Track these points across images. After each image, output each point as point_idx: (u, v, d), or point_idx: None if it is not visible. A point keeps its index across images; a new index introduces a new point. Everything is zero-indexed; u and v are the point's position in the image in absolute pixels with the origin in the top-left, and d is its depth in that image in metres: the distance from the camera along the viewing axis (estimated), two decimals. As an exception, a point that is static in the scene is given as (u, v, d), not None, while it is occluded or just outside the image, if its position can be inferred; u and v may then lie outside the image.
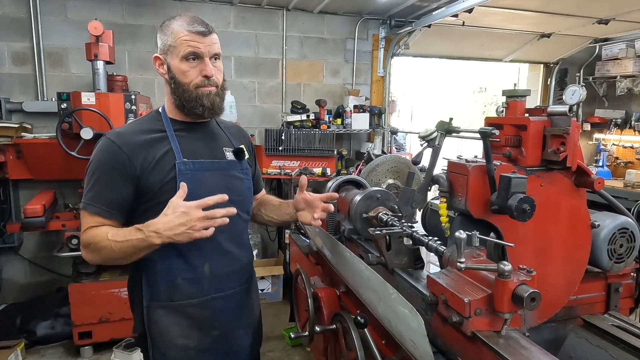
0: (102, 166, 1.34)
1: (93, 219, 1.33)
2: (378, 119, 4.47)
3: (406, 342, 1.19)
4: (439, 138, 1.51)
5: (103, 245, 1.28)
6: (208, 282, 1.43)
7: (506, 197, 1.27)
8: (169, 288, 1.39)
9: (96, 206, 1.32)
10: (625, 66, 4.86)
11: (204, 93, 1.37)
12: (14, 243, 3.78)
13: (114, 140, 1.35)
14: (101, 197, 1.33)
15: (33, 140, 3.27)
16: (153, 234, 1.23)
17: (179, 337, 1.41)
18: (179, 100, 1.39)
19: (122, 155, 1.32)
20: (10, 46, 3.76)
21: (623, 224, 1.60)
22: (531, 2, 3.44)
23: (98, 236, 1.30)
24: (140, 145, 1.35)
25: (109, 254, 1.29)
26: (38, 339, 3.32)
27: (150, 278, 1.40)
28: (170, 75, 1.38)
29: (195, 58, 1.35)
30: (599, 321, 1.53)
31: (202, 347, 1.44)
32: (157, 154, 1.36)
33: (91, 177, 1.35)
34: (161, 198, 1.33)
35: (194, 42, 1.33)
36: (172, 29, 1.35)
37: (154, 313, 1.40)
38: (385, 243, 1.55)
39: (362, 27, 4.71)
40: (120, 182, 1.33)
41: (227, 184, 1.45)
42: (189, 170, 1.36)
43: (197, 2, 4.18)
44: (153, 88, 4.18)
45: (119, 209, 1.35)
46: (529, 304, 1.04)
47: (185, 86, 1.36)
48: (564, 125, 1.35)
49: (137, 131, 1.39)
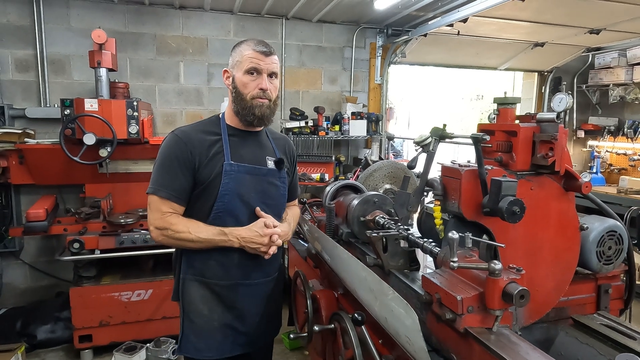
0: (170, 157, 1.57)
1: (164, 203, 1.55)
2: (375, 125, 4.54)
3: (401, 338, 1.24)
4: (433, 143, 1.57)
5: (184, 236, 1.54)
6: (235, 270, 1.64)
7: (497, 200, 1.33)
8: (202, 266, 1.63)
9: (166, 191, 1.55)
10: (618, 75, 4.96)
11: (258, 104, 1.60)
12: (15, 247, 3.81)
13: (179, 135, 1.59)
14: (170, 184, 1.55)
15: (36, 145, 3.31)
16: (235, 240, 1.56)
17: (206, 308, 1.63)
18: (236, 107, 1.62)
19: (186, 148, 1.56)
20: (14, 53, 3.82)
21: (611, 227, 1.66)
22: (524, 13, 3.53)
23: (179, 226, 1.54)
24: (199, 142, 1.59)
25: (186, 244, 1.56)
26: (38, 343, 3.35)
27: (189, 255, 1.63)
28: (233, 86, 1.62)
29: (255, 73, 1.58)
30: (588, 320, 1.58)
31: (223, 321, 1.65)
32: (211, 152, 1.59)
33: (160, 166, 1.58)
34: (208, 190, 1.58)
35: (256, 59, 1.57)
36: (242, 48, 1.61)
37: (188, 284, 1.64)
38: (382, 245, 1.60)
39: (359, 35, 4.80)
40: (185, 170, 1.56)
41: (264, 188, 1.68)
42: (233, 171, 1.58)
43: (198, 10, 4.25)
44: (154, 95, 4.24)
45: (184, 195, 1.58)
46: (519, 301, 1.10)
47: (243, 96, 1.59)
48: (552, 131, 1.41)
49: (198, 130, 1.63)
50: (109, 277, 3.34)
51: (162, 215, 1.55)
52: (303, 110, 4.40)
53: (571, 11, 3.50)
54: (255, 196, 1.64)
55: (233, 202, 1.59)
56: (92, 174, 3.44)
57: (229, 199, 1.58)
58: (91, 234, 3.19)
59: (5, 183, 3.51)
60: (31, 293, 4.01)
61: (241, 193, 1.60)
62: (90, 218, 3.34)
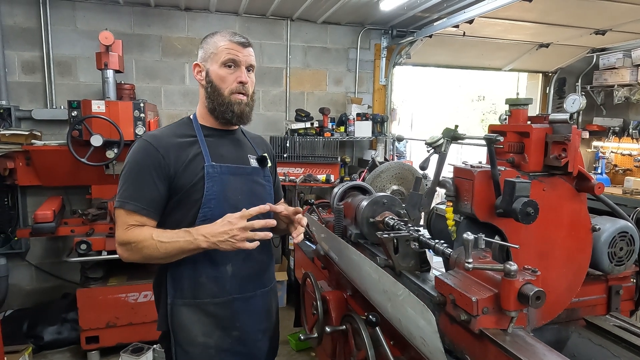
0: (139, 165, 1.40)
1: (131, 217, 1.37)
2: (380, 126, 4.54)
3: (416, 340, 1.24)
4: (445, 145, 1.57)
5: (147, 244, 1.33)
6: (230, 283, 1.48)
7: (511, 201, 1.33)
8: (192, 286, 1.45)
9: (133, 204, 1.37)
10: (623, 75, 4.95)
11: (236, 101, 1.47)
12: (21, 249, 3.81)
13: (150, 141, 1.42)
14: (138, 195, 1.38)
15: (43, 147, 3.32)
16: (201, 237, 1.31)
17: (200, 335, 1.45)
18: (212, 103, 1.48)
19: (157, 154, 1.39)
20: (21, 55, 3.83)
21: (623, 228, 1.65)
22: (530, 14, 3.52)
23: (141, 235, 1.34)
24: (173, 147, 1.43)
25: (152, 253, 1.34)
26: (45, 344, 3.36)
27: (176, 276, 1.45)
28: (207, 80, 1.47)
29: (233, 65, 1.45)
30: (601, 322, 1.57)
31: (222, 346, 1.48)
32: (188, 156, 1.43)
33: (128, 177, 1.40)
34: (190, 198, 1.41)
35: (234, 50, 1.44)
36: (215, 40, 1.47)
37: (177, 310, 1.45)
38: (392, 246, 1.60)
39: (364, 37, 4.80)
40: (156, 180, 1.39)
41: (251, 188, 1.53)
42: (216, 173, 1.44)
43: (203, 12, 4.26)
44: (160, 96, 4.25)
45: (155, 207, 1.40)
46: (535, 302, 1.09)
47: (220, 91, 1.46)
48: (565, 132, 1.41)
49: (170, 134, 1.47)
50: (115, 279, 3.35)
51: (125, 229, 1.36)
52: (308, 112, 4.41)
53: (577, 12, 3.49)
54: (243, 198, 1.47)
55: (220, 206, 1.41)
56: (98, 175, 3.45)
57: (216, 203, 1.41)
58: (98, 236, 3.19)
59: (12, 184, 3.52)
60: (37, 294, 4.02)
61: (228, 196, 1.43)
62: (97, 219, 3.35)
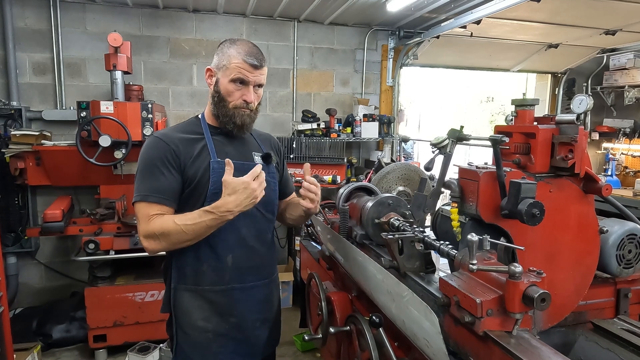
0: (152, 159, 1.47)
1: (153, 208, 1.44)
2: (387, 127, 4.53)
3: (420, 341, 1.23)
4: (450, 145, 1.56)
5: (173, 230, 1.40)
6: (230, 273, 1.56)
7: (516, 202, 1.32)
8: (195, 273, 1.54)
9: (155, 196, 1.44)
10: (633, 76, 4.89)
11: (239, 114, 1.54)
12: (31, 248, 3.87)
13: (159, 137, 1.51)
14: (156, 187, 1.45)
15: (53, 147, 3.37)
16: (227, 213, 1.39)
17: (200, 319, 1.55)
18: (217, 111, 1.56)
19: (168, 147, 1.48)
20: (31, 57, 3.89)
21: (631, 230, 1.63)
22: (539, 14, 3.49)
23: (165, 224, 1.41)
24: (182, 141, 1.52)
25: (180, 237, 1.41)
26: (54, 342, 3.39)
27: (180, 263, 1.55)
28: (215, 89, 1.54)
29: (242, 83, 1.51)
30: (608, 325, 1.55)
31: (219, 331, 1.57)
32: (195, 150, 1.52)
33: (143, 172, 1.48)
34: (196, 190, 1.50)
35: (245, 71, 1.49)
36: (230, 53, 1.50)
37: (180, 295, 1.55)
38: (397, 247, 1.59)
39: (371, 38, 4.80)
40: (171, 169, 1.47)
41: None
42: (221, 169, 1.49)
43: (211, 14, 4.29)
44: (167, 97, 4.29)
45: (173, 196, 1.48)
46: (539, 305, 1.08)
47: (226, 102, 1.53)
48: (571, 133, 1.39)
49: (179, 131, 1.57)
50: (123, 278, 3.38)
51: (148, 221, 1.42)
52: (315, 112, 4.41)
53: (587, 12, 3.46)
54: None
55: None
56: (106, 175, 3.49)
57: (219, 197, 1.45)
58: (106, 235, 3.22)
59: (23, 184, 3.57)
60: (46, 293, 4.07)
61: None
62: (105, 219, 3.38)
